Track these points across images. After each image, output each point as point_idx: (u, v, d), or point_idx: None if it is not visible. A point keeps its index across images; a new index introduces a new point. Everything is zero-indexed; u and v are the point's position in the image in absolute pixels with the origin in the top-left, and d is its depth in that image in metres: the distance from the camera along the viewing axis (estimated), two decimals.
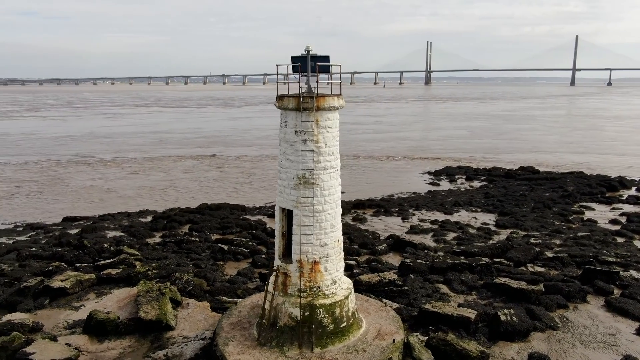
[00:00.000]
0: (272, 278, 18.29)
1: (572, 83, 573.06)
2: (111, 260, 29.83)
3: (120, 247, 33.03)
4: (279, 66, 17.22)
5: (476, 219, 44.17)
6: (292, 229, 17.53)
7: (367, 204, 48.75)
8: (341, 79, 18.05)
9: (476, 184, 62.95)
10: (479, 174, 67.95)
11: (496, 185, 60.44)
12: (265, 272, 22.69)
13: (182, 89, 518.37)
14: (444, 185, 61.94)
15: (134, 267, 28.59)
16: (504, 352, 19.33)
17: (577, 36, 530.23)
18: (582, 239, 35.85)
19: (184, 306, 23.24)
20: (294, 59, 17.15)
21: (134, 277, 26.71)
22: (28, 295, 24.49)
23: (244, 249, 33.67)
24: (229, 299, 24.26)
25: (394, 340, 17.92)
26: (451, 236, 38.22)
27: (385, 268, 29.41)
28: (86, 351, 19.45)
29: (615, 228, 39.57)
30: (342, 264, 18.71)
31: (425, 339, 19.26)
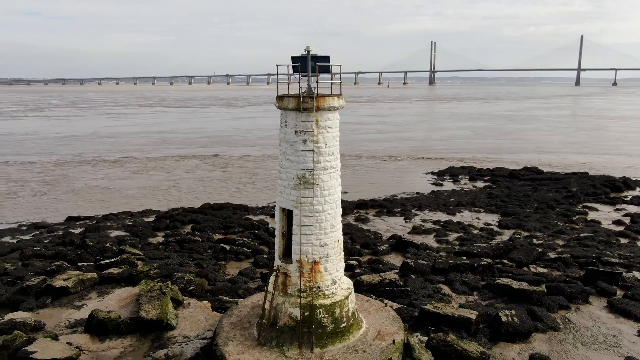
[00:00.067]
0: (272, 278, 18.31)
1: (577, 83, 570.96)
2: (113, 260, 29.94)
3: (122, 247, 33.13)
4: (279, 66, 17.24)
5: (479, 219, 44.07)
6: (292, 229, 17.54)
7: (370, 204, 48.72)
8: (341, 79, 18.07)
9: (479, 184, 62.79)
10: (483, 174, 67.79)
11: (500, 186, 60.25)
12: (266, 272, 22.65)
13: (186, 89, 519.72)
14: (447, 186, 61.80)
15: (135, 267, 28.70)
16: (504, 353, 19.26)
17: (582, 36, 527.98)
18: (585, 239, 35.69)
19: (185, 306, 23.29)
20: (294, 59, 17.16)
21: (136, 277, 26.81)
22: (30, 294, 24.63)
23: (245, 249, 33.74)
24: (230, 299, 24.30)
25: (394, 340, 17.90)
26: (453, 237, 38.15)
27: (386, 268, 29.37)
28: (87, 350, 19.52)
29: (619, 229, 39.38)
30: (342, 264, 18.70)
31: (426, 339, 19.22)
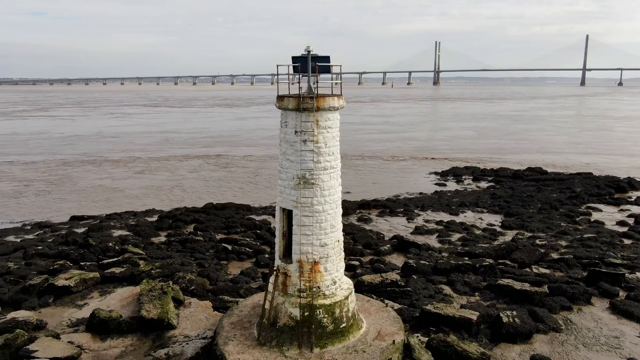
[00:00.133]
0: (272, 278, 18.33)
1: (582, 83, 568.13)
2: (115, 259, 30.04)
3: (125, 246, 33.25)
4: (280, 66, 17.26)
5: (482, 219, 43.94)
6: (292, 229, 17.55)
7: (373, 204, 48.67)
8: (342, 79, 18.06)
9: (483, 184, 62.60)
10: (486, 174, 67.57)
11: (503, 186, 60.04)
12: (267, 272, 22.70)
13: (191, 89, 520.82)
14: (451, 186, 61.63)
15: (137, 266, 28.79)
16: (505, 353, 19.20)
17: (587, 36, 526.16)
18: (589, 240, 35.51)
19: (186, 305, 23.34)
20: (294, 59, 17.16)
21: (138, 276, 26.91)
22: (33, 293, 24.76)
23: (247, 249, 33.76)
24: (231, 299, 24.34)
25: (394, 341, 17.88)
26: (456, 237, 38.05)
27: (388, 269, 29.33)
28: (88, 349, 19.61)
29: (623, 230, 39.17)
30: (342, 264, 18.69)
31: (426, 340, 19.20)
